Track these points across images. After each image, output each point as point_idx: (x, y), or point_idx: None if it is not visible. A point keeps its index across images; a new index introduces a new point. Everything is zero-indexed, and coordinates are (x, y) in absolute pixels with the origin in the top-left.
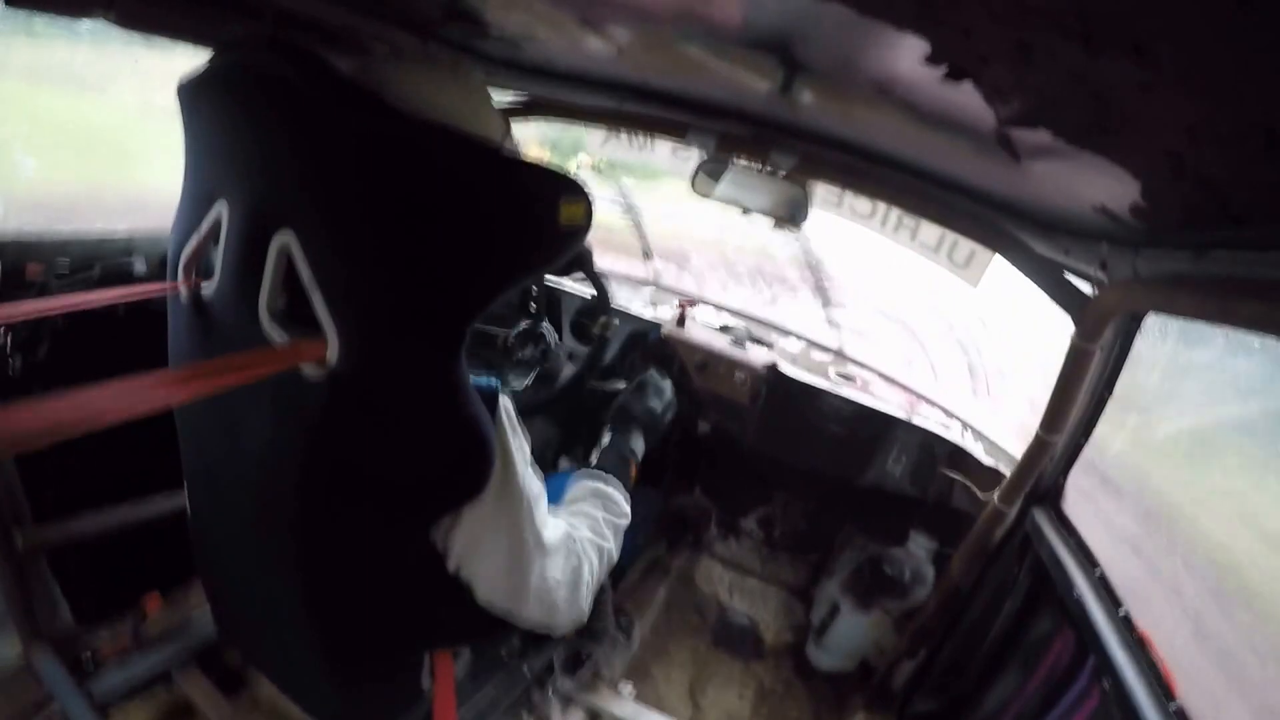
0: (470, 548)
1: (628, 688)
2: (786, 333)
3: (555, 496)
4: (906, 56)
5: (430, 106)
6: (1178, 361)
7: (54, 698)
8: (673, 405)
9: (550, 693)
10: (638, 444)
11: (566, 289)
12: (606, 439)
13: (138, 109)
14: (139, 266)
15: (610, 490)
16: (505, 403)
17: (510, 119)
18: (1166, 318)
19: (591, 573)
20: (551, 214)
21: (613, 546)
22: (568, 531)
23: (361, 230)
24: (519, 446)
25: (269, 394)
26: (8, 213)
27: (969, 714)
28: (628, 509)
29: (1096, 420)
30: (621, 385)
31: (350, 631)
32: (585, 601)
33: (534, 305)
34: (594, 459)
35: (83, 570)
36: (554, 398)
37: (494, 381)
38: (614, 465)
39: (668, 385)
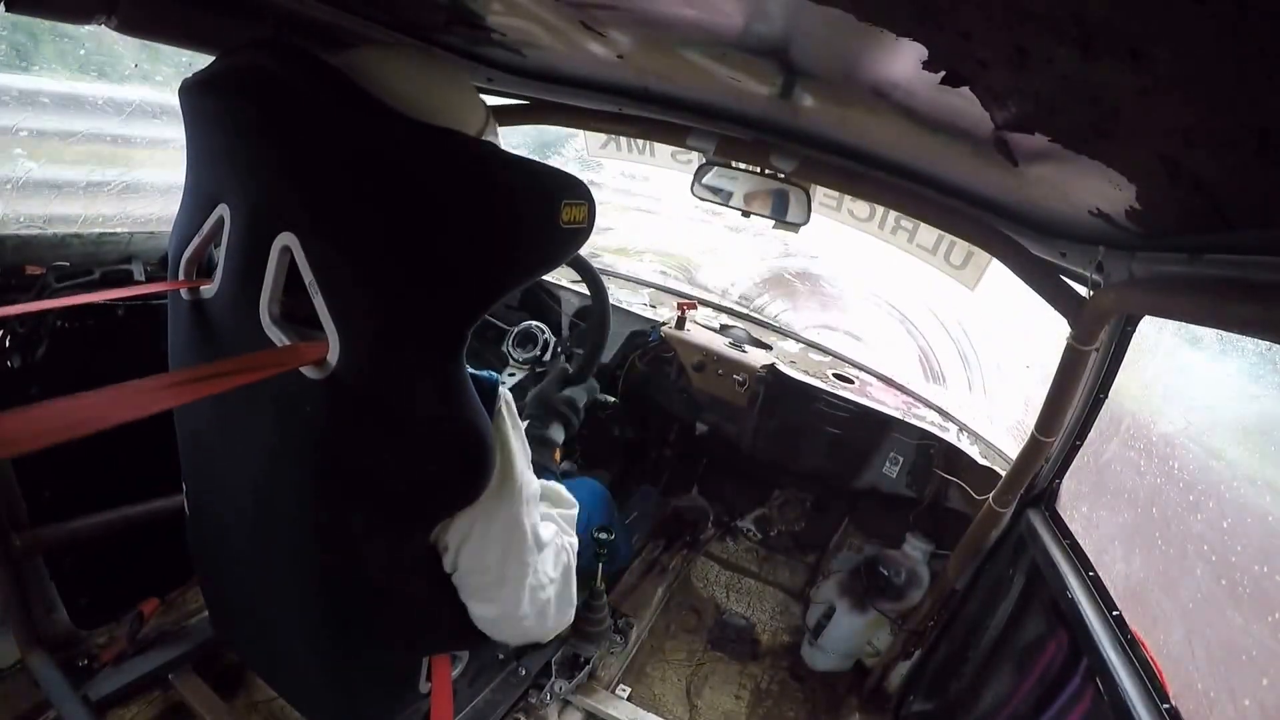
0: (467, 542)
1: (624, 689)
2: (785, 334)
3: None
4: (904, 62)
5: (424, 103)
6: None
7: (51, 702)
8: (594, 390)
9: (547, 695)
10: (556, 432)
11: (566, 288)
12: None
13: None
14: (138, 268)
15: (549, 484)
16: (505, 395)
17: (512, 122)
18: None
19: (574, 570)
20: (553, 213)
21: (574, 540)
22: (557, 529)
23: (363, 231)
24: (519, 441)
25: (269, 395)
26: None
27: (964, 715)
28: (571, 497)
29: (1092, 423)
30: (612, 399)
31: (348, 634)
32: (574, 600)
33: (534, 305)
34: None
35: (80, 573)
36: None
37: (494, 375)
38: (538, 453)
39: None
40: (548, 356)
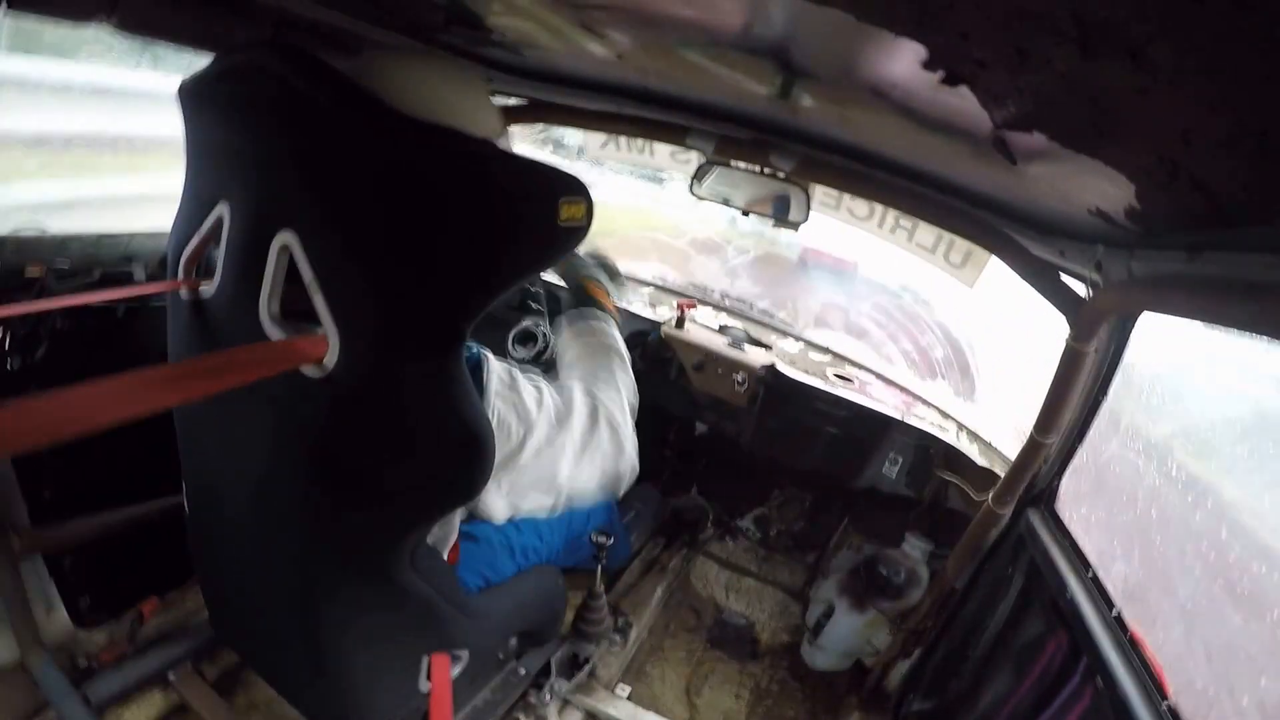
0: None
1: (624, 689)
2: (785, 333)
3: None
4: (903, 61)
5: (428, 104)
6: None
7: (51, 702)
8: None
9: (547, 694)
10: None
11: (566, 288)
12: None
13: None
14: (138, 268)
15: (587, 324)
16: (494, 370)
17: (511, 121)
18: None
19: (613, 408)
20: (551, 212)
21: (618, 380)
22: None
23: (363, 230)
24: (522, 403)
25: (268, 394)
26: None
27: (963, 714)
28: (613, 332)
29: (1091, 422)
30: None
31: (348, 633)
32: (629, 442)
33: (533, 304)
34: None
35: (80, 573)
36: None
37: (476, 351)
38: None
39: None
40: (548, 355)
